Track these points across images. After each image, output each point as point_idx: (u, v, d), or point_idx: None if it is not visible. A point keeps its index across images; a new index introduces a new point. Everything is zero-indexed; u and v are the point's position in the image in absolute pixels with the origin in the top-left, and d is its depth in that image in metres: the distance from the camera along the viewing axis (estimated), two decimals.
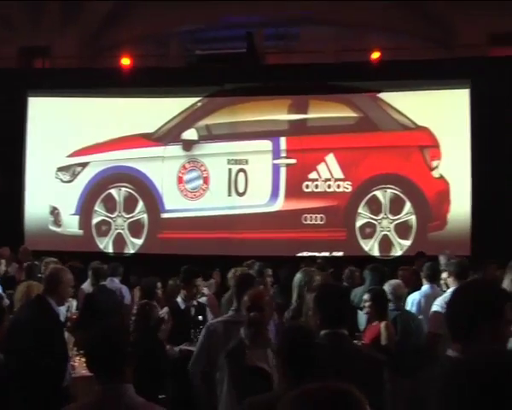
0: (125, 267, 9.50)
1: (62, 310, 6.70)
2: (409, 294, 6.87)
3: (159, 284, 7.31)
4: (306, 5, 15.86)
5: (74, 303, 7.44)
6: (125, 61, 13.90)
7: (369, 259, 10.11)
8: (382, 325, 5.52)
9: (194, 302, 6.18)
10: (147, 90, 13.39)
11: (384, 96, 13.03)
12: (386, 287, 6.07)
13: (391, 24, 16.60)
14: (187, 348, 5.67)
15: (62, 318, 6.30)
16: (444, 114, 12.77)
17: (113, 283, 8.52)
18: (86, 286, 8.22)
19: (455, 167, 12.69)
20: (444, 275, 6.67)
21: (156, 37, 18.66)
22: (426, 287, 6.87)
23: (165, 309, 6.05)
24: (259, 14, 17.08)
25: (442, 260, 8.69)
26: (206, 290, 7.95)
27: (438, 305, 5.53)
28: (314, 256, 10.59)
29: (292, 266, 7.57)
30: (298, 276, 6.10)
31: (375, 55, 13.63)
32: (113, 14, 16.73)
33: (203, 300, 7.60)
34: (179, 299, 6.14)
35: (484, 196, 12.28)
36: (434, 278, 6.95)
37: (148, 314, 5.53)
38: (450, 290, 5.57)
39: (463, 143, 12.60)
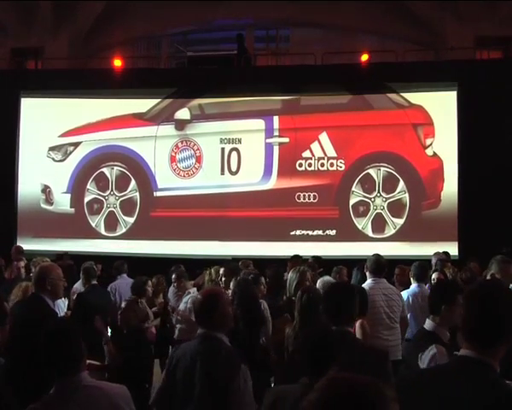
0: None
1: (62, 306, 6.90)
2: None
3: (149, 283, 7.37)
4: (296, 8, 16.17)
5: (66, 302, 7.48)
6: (117, 63, 13.95)
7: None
8: (357, 323, 5.61)
9: None
10: (138, 92, 13.34)
11: (373, 97, 13.00)
12: None
13: (379, 27, 16.89)
14: None
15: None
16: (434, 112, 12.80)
17: (125, 279, 8.51)
18: (78, 286, 8.23)
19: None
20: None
21: (148, 38, 18.89)
22: (413, 286, 7.13)
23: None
24: (250, 16, 17.37)
25: (433, 260, 8.82)
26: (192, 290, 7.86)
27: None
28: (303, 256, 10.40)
29: (278, 266, 7.60)
30: (290, 275, 6.15)
31: (364, 58, 13.75)
32: (105, 15, 16.87)
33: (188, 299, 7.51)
34: None
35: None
36: (422, 278, 7.16)
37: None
38: (367, 282, 6.43)
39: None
